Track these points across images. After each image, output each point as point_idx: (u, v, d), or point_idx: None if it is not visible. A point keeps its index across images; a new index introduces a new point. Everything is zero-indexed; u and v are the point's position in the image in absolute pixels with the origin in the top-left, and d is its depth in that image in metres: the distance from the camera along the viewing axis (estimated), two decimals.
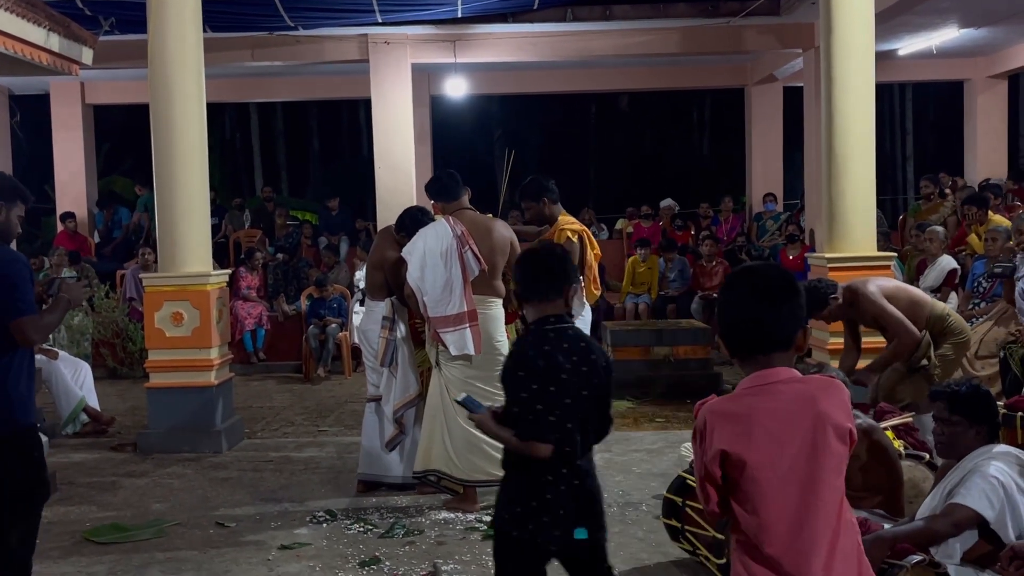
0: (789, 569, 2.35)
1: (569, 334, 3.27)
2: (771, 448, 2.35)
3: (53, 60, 7.75)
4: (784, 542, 2.36)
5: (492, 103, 22.96)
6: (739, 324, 2.45)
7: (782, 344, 2.41)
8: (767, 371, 2.41)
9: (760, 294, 2.42)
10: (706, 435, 2.40)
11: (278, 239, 13.97)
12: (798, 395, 2.39)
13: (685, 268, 12.21)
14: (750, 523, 2.37)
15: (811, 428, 2.37)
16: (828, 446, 2.38)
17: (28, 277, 4.23)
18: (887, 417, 5.35)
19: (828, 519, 2.38)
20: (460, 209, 5.97)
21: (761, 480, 2.35)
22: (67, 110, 14.14)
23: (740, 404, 2.41)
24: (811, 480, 2.37)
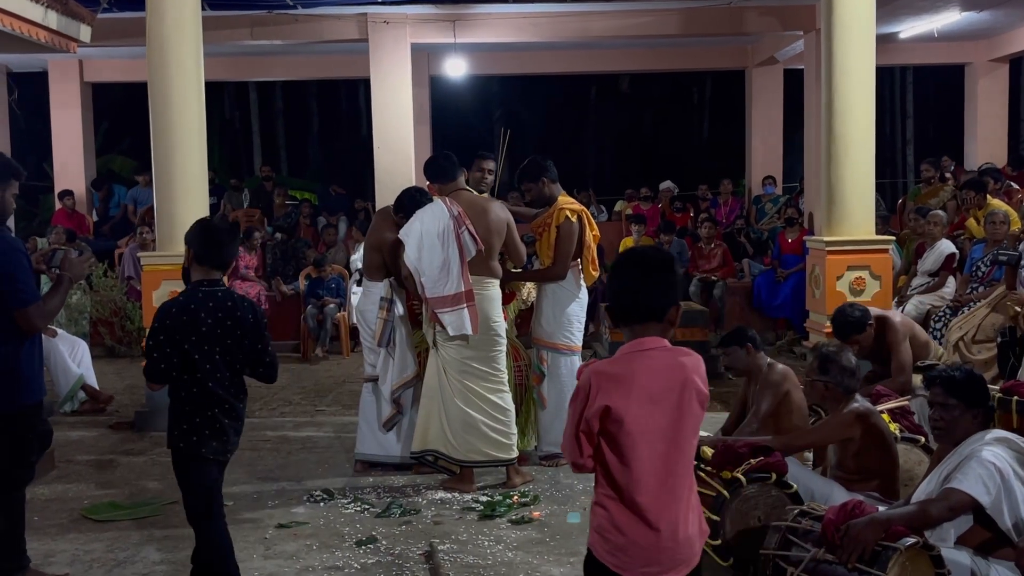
0: (653, 517, 2.64)
1: (218, 295, 3.92)
2: (647, 406, 2.65)
3: (51, 37, 7.71)
4: (652, 492, 2.65)
5: (492, 83, 22.88)
6: (621, 295, 2.74)
7: (656, 315, 2.71)
8: (644, 339, 2.71)
9: (639, 270, 2.74)
10: (591, 393, 2.65)
11: (277, 219, 13.96)
12: (670, 361, 2.71)
13: (683, 250, 12.19)
14: (622, 474, 2.64)
15: (679, 391, 2.68)
16: (691, 408, 2.70)
17: (27, 264, 4.26)
18: (883, 400, 5.37)
19: (687, 473, 2.71)
20: (457, 190, 5.96)
21: (636, 434, 2.64)
22: (65, 88, 14.08)
23: (622, 366, 2.69)
24: (676, 437, 2.68)
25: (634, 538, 2.67)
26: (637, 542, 2.66)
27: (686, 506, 2.71)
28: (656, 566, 2.66)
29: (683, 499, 2.70)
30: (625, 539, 2.67)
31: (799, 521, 3.92)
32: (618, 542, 2.68)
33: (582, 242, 6.34)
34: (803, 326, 9.04)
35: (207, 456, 3.93)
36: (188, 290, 3.97)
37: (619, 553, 2.68)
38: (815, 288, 8.16)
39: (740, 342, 5.41)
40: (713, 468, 4.59)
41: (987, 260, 8.11)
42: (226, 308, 3.91)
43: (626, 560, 2.67)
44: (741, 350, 5.40)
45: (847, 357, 4.70)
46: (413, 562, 4.77)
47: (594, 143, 25.48)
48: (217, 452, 3.95)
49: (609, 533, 2.69)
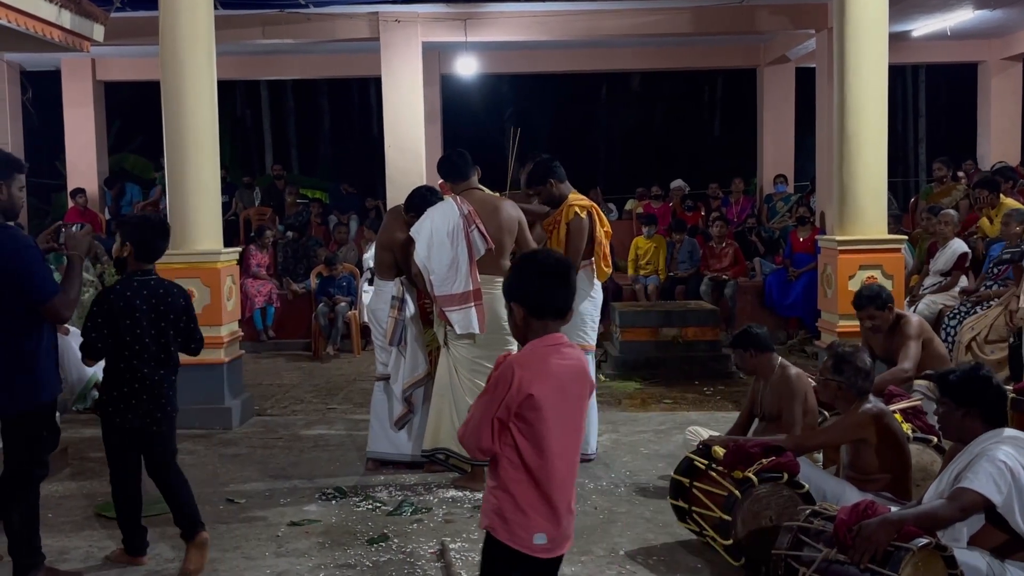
0: (557, 497, 2.89)
1: (151, 284, 4.56)
2: (560, 395, 2.90)
3: (64, 36, 7.75)
4: (559, 474, 2.90)
5: (503, 82, 22.87)
6: (531, 295, 2.96)
7: (562, 314, 2.99)
8: (552, 335, 2.97)
9: (547, 273, 2.99)
10: (514, 383, 2.85)
11: (288, 217, 13.99)
12: (573, 354, 3.00)
13: (695, 249, 12.18)
14: (534, 458, 2.86)
15: (580, 382, 2.98)
16: (585, 396, 3.02)
17: (39, 257, 4.30)
18: (895, 400, 5.36)
19: (579, 455, 3.04)
20: (469, 189, 5.97)
21: (551, 420, 2.87)
22: (78, 86, 14.14)
23: (543, 361, 2.92)
24: (575, 423, 2.97)
25: (538, 518, 2.88)
26: (540, 522, 2.88)
27: (574, 488, 3.00)
28: (553, 544, 2.92)
29: (573, 481, 2.99)
30: (528, 519, 2.87)
31: (811, 521, 3.91)
32: (521, 523, 2.87)
33: (592, 238, 6.33)
34: (815, 325, 9.01)
35: (129, 424, 4.53)
36: (124, 279, 4.62)
37: (520, 532, 2.87)
38: (827, 287, 8.14)
39: (745, 346, 5.47)
40: (725, 468, 4.59)
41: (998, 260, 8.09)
42: (158, 295, 4.54)
43: (526, 539, 2.87)
44: (747, 353, 5.45)
45: (862, 358, 4.69)
46: (425, 560, 4.78)
47: (605, 142, 25.45)
48: (135, 421, 4.54)
49: (512, 515, 2.88)
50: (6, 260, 4.17)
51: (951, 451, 4.10)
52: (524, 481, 2.87)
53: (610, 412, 7.86)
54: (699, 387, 8.89)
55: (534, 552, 2.88)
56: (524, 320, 2.97)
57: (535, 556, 2.88)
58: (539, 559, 2.89)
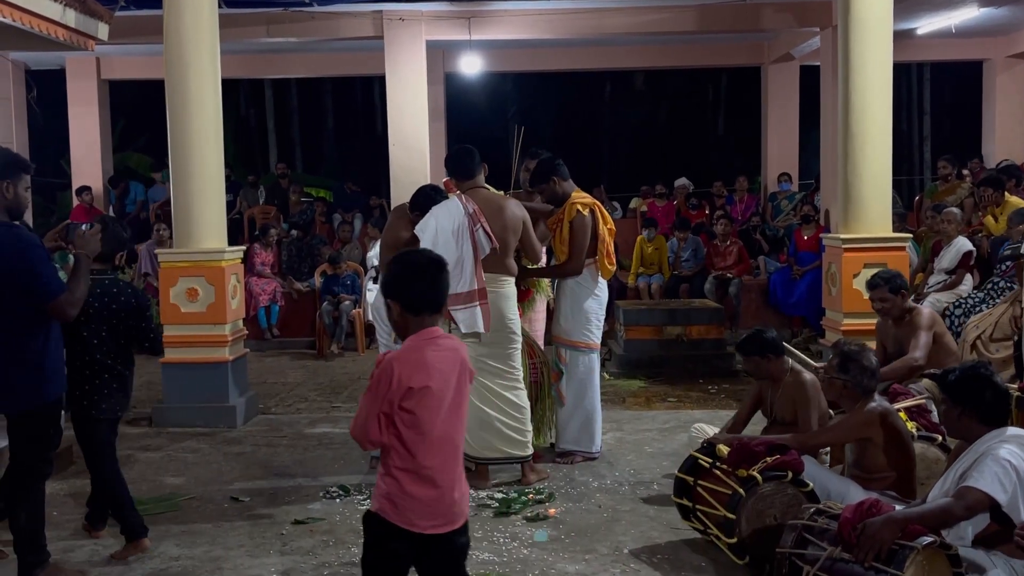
0: (440, 479, 3.10)
1: (105, 283, 4.73)
2: (441, 383, 3.11)
3: (69, 35, 7.75)
4: (441, 458, 3.11)
5: (507, 81, 22.87)
6: (407, 293, 3.17)
7: (437, 308, 3.19)
8: (429, 329, 3.17)
9: (421, 272, 3.19)
10: (394, 378, 3.05)
11: (292, 216, 14.00)
12: (450, 346, 3.20)
13: (699, 248, 12.17)
14: (417, 445, 3.07)
15: (459, 370, 3.18)
16: (466, 383, 3.22)
17: (45, 256, 4.31)
18: (900, 399, 5.35)
19: (462, 440, 3.24)
20: (474, 187, 5.96)
21: (431, 409, 3.08)
22: (83, 85, 14.15)
23: (420, 355, 3.11)
24: (457, 409, 3.17)
25: (423, 499, 3.09)
26: (425, 502, 3.09)
27: (460, 468, 3.21)
28: (440, 519, 3.12)
29: (459, 462, 3.21)
30: (415, 501, 3.09)
31: (815, 519, 3.91)
32: (408, 505, 3.09)
33: (596, 236, 6.33)
34: (819, 324, 9.00)
35: (99, 416, 4.72)
36: None
37: (407, 512, 3.09)
38: (831, 286, 8.13)
39: (762, 352, 5.36)
40: (729, 466, 4.59)
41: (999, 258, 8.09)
42: (111, 293, 4.71)
43: (415, 517, 3.09)
44: (763, 360, 5.36)
45: (868, 357, 4.69)
46: None
47: (609, 140, 25.44)
48: (106, 412, 4.74)
49: (401, 499, 3.09)
50: (12, 259, 4.18)
51: (956, 449, 4.10)
52: (407, 469, 3.09)
53: (614, 410, 7.86)
54: (703, 385, 8.89)
55: (424, 530, 3.10)
56: (401, 316, 3.19)
57: (422, 532, 3.11)
58: (426, 535, 3.12)
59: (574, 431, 6.40)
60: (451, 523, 3.15)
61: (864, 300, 7.65)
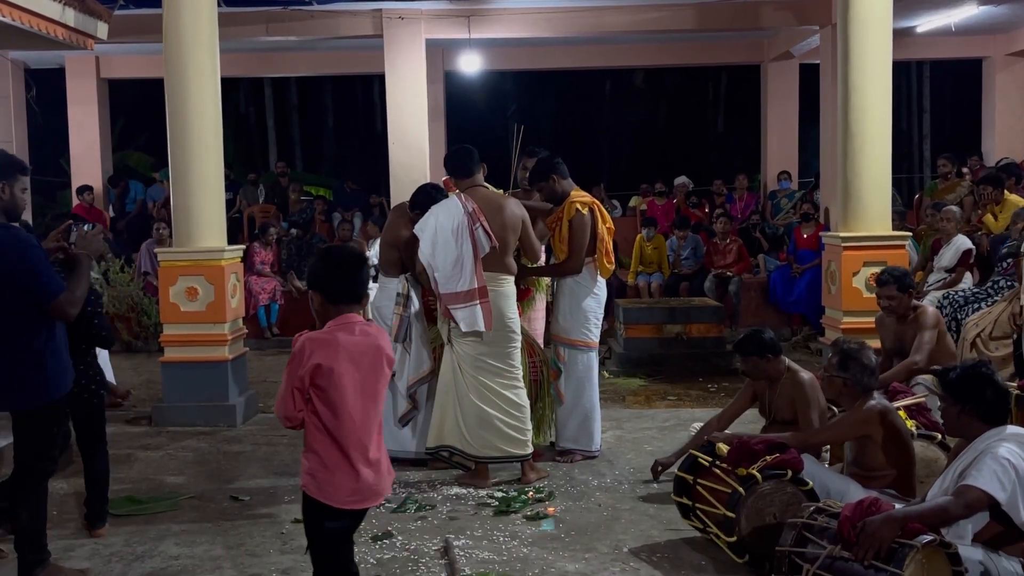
0: (354, 450, 3.34)
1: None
2: (351, 365, 3.34)
3: (68, 34, 7.76)
4: (355, 435, 3.34)
5: (506, 79, 22.87)
6: (329, 285, 3.43)
7: (356, 299, 3.44)
8: (345, 316, 3.42)
9: (342, 266, 3.46)
10: (305, 355, 3.30)
11: (292, 214, 14.00)
12: (365, 333, 3.43)
13: (698, 246, 12.18)
14: (332, 422, 3.32)
15: (373, 355, 3.41)
16: (382, 369, 3.45)
17: (44, 256, 4.32)
18: (899, 397, 5.36)
19: (378, 417, 3.45)
20: (473, 186, 5.96)
21: (343, 386, 3.31)
22: (82, 84, 14.15)
23: (331, 335, 3.37)
24: (371, 390, 3.40)
25: (340, 475, 3.33)
26: (343, 478, 3.33)
27: (378, 447, 3.41)
28: (358, 496, 3.36)
29: (376, 441, 3.41)
30: (333, 476, 3.33)
31: (815, 518, 3.91)
32: (327, 479, 3.33)
33: (595, 235, 6.33)
34: (819, 322, 9.00)
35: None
36: None
37: (328, 487, 3.33)
38: (831, 284, 8.13)
39: (760, 353, 5.37)
40: (729, 465, 4.60)
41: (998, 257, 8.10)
42: None
43: (333, 493, 3.32)
44: (762, 360, 5.37)
45: (868, 355, 4.69)
46: (429, 557, 4.78)
47: (608, 138, 25.44)
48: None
49: (320, 473, 3.33)
50: (11, 260, 4.19)
51: (956, 448, 4.10)
52: (326, 442, 3.33)
53: (614, 409, 7.86)
54: (703, 384, 8.89)
55: (343, 505, 3.34)
56: (322, 305, 3.46)
57: (343, 508, 3.34)
58: (348, 511, 3.37)
59: (573, 430, 6.40)
60: (370, 500, 3.41)
61: (863, 298, 7.68)
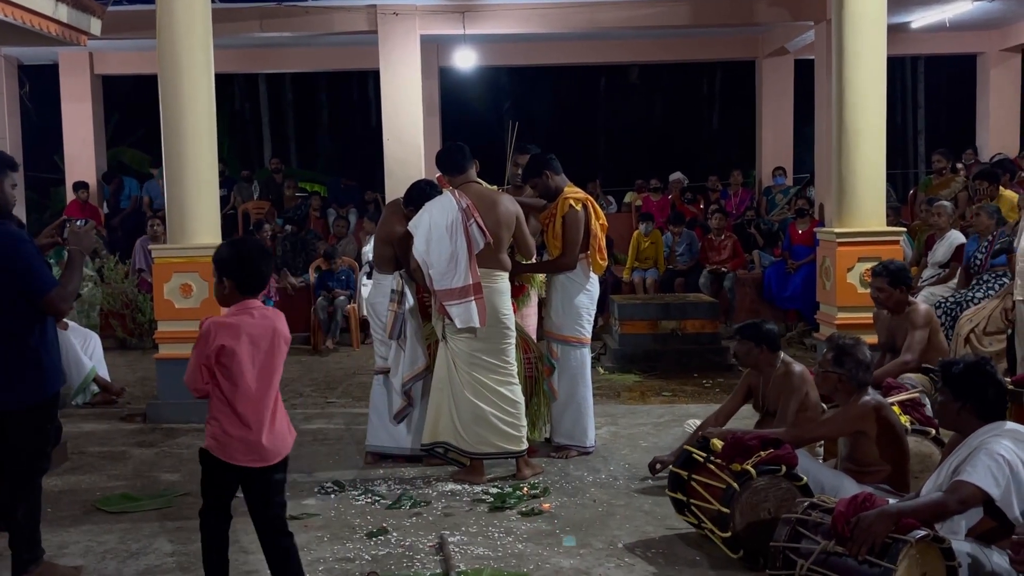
0: (252, 420, 3.80)
1: None
2: (251, 345, 3.80)
3: (61, 30, 7.74)
4: (253, 405, 3.80)
5: (501, 75, 22.83)
6: (240, 274, 3.88)
7: (257, 288, 3.92)
8: (248, 301, 3.88)
9: (252, 257, 3.92)
10: (211, 337, 3.75)
11: (287, 211, 13.98)
12: (264, 316, 3.90)
13: (693, 242, 12.18)
14: (232, 393, 3.77)
15: (271, 337, 3.88)
16: (279, 348, 3.91)
17: (35, 251, 4.31)
18: (894, 393, 5.36)
19: (275, 390, 3.90)
20: (467, 182, 5.96)
21: (244, 363, 3.77)
22: (76, 80, 14.12)
23: (234, 320, 3.83)
24: (269, 367, 3.86)
25: (240, 437, 3.79)
26: (242, 440, 3.79)
27: (273, 414, 3.88)
28: (254, 455, 3.83)
29: (272, 409, 3.88)
30: (233, 439, 3.79)
31: (809, 513, 3.92)
32: (229, 442, 3.79)
33: (589, 231, 6.33)
34: (813, 318, 9.02)
35: None
36: None
37: (229, 449, 3.80)
38: (825, 280, 8.14)
39: (757, 341, 5.41)
40: (723, 460, 4.60)
41: (982, 250, 8.10)
42: None
43: (234, 453, 3.80)
44: (756, 348, 5.41)
45: (863, 351, 4.70)
46: (424, 554, 4.78)
47: (604, 134, 25.43)
48: None
49: (222, 437, 3.79)
50: (3, 256, 4.18)
51: (951, 443, 4.11)
52: (227, 411, 3.79)
53: (609, 405, 7.87)
54: (698, 380, 8.89)
55: (241, 463, 3.82)
56: (231, 291, 3.89)
57: (243, 465, 3.82)
58: (248, 468, 3.84)
59: (567, 426, 6.41)
60: (266, 460, 3.87)
61: (858, 294, 7.69)
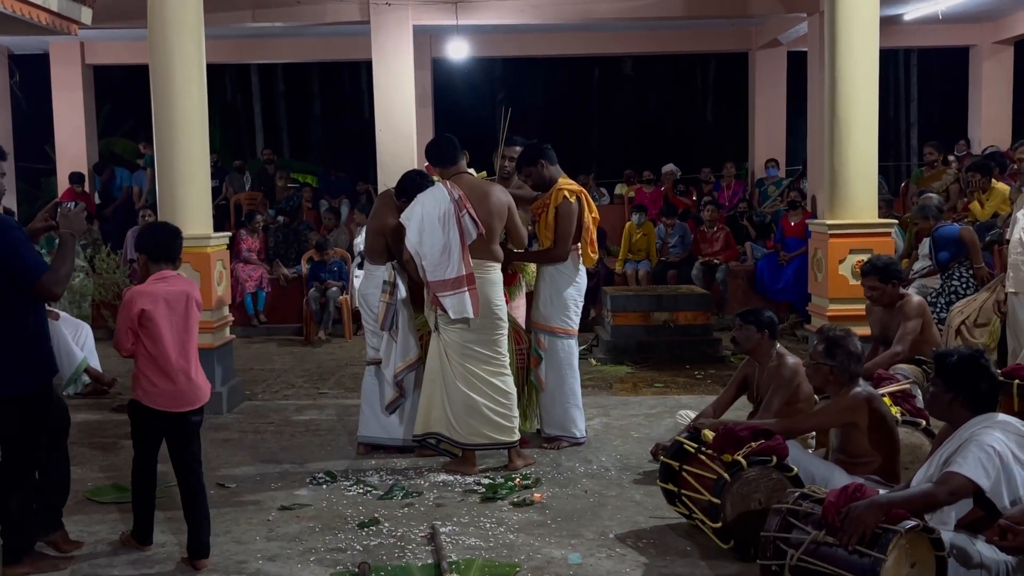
0: (173, 373, 4.52)
1: None
2: (167, 308, 4.51)
3: (52, 19, 7.70)
4: (172, 359, 4.52)
5: (494, 66, 22.80)
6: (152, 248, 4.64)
7: (169, 259, 4.64)
8: (162, 272, 4.59)
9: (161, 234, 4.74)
10: (134, 304, 4.47)
11: (279, 202, 13.94)
12: (178, 283, 4.61)
13: (686, 234, 12.19)
14: (155, 349, 4.49)
15: (185, 300, 4.58)
16: (192, 310, 4.62)
17: (24, 238, 4.29)
18: (885, 384, 5.38)
19: (194, 348, 4.64)
20: (458, 173, 5.95)
21: (162, 326, 4.49)
22: (67, 70, 14.03)
23: (152, 287, 4.53)
24: (183, 326, 4.57)
25: (162, 388, 4.52)
26: (164, 391, 4.52)
27: (193, 366, 4.61)
28: (175, 402, 4.55)
29: (190, 362, 4.60)
30: (159, 389, 4.52)
31: (800, 504, 3.93)
32: (155, 392, 4.52)
33: (581, 224, 6.33)
34: (805, 309, 9.03)
35: None
36: None
37: (155, 397, 4.53)
38: (817, 271, 8.15)
39: (759, 326, 5.43)
40: (714, 451, 4.61)
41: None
42: None
43: (159, 400, 4.53)
44: (757, 333, 5.42)
45: (854, 342, 4.71)
46: (415, 544, 4.79)
47: (597, 126, 25.40)
48: None
49: (149, 388, 4.52)
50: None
51: (941, 434, 4.12)
52: (151, 366, 4.51)
53: (601, 396, 7.88)
54: (690, 371, 8.91)
55: (164, 408, 4.54)
56: (145, 264, 4.62)
57: (164, 410, 4.54)
58: (168, 412, 4.55)
59: (557, 417, 6.42)
60: (185, 405, 4.57)
61: (850, 286, 7.70)
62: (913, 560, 3.60)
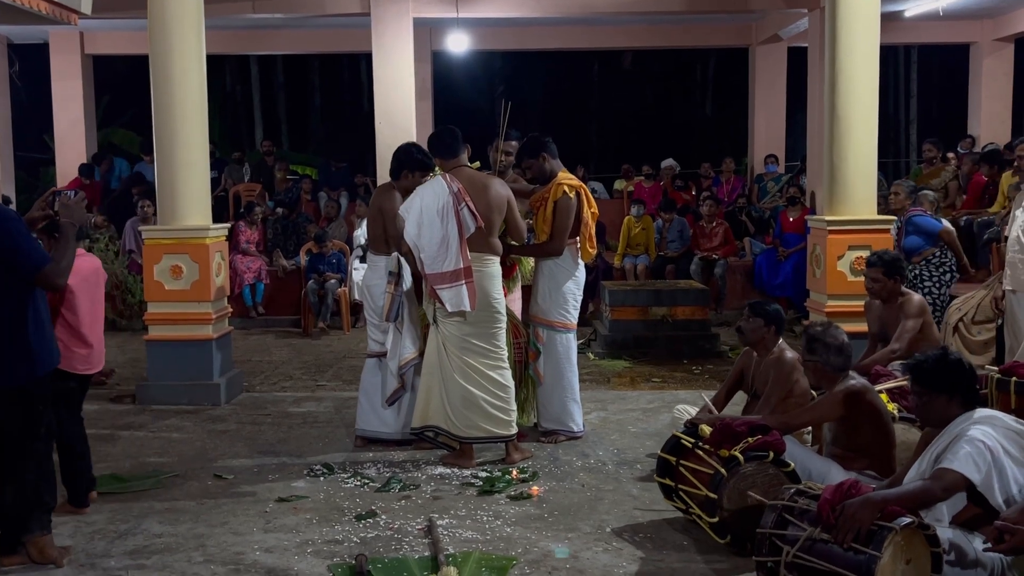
0: (89, 337, 5.04)
1: None
2: (80, 281, 4.90)
3: (52, 9, 7.68)
4: (88, 326, 5.03)
5: (494, 59, 22.78)
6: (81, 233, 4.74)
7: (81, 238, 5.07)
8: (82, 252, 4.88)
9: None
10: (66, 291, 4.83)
11: (278, 193, 13.94)
12: (90, 259, 5.18)
13: (684, 229, 12.19)
14: (73, 319, 4.96)
15: (96, 274, 5.17)
16: (101, 283, 5.23)
17: (22, 228, 4.28)
18: (882, 380, 5.39)
19: (101, 314, 5.20)
20: (458, 166, 5.96)
21: (78, 297, 4.95)
22: (66, 60, 14.01)
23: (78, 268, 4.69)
24: (97, 297, 5.17)
25: (79, 353, 5.00)
26: (81, 353, 5.01)
27: (100, 334, 5.17)
28: (88, 364, 5.07)
29: (101, 329, 5.17)
30: (74, 353, 4.96)
31: (796, 500, 3.94)
32: (72, 356, 4.93)
33: (580, 219, 6.33)
34: (803, 305, 9.04)
35: None
36: None
37: (72, 361, 4.94)
38: (816, 267, 8.16)
39: (768, 320, 5.41)
40: (711, 446, 4.62)
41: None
42: None
43: (74, 363, 4.96)
44: (765, 328, 5.41)
45: (831, 333, 4.72)
46: (412, 536, 4.80)
47: (596, 120, 25.39)
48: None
49: (67, 352, 4.84)
50: None
51: (926, 435, 4.13)
52: (70, 333, 4.96)
53: (599, 391, 7.89)
54: (688, 366, 8.92)
55: (80, 371, 5.03)
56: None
57: (79, 372, 5.02)
58: (81, 374, 5.06)
59: (555, 411, 6.42)
60: (95, 367, 5.16)
61: (848, 282, 7.71)
62: (909, 557, 3.62)
